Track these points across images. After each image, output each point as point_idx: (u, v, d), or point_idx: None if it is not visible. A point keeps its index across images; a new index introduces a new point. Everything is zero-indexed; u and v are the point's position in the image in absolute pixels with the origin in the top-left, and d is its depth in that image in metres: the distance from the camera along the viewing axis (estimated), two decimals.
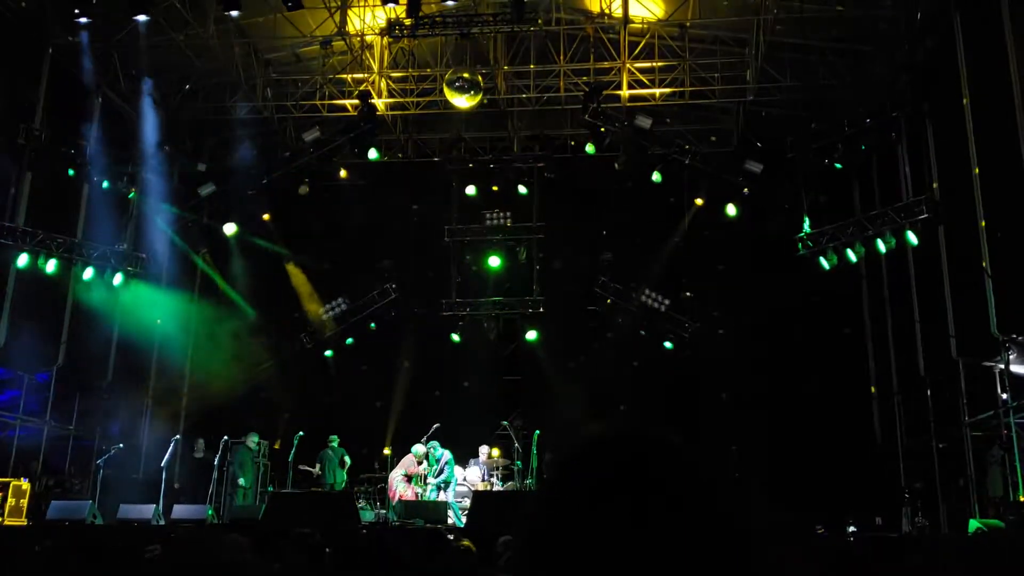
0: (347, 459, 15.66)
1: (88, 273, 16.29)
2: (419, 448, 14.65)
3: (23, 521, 13.34)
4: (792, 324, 16.26)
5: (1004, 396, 12.91)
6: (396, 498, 14.36)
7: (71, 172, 16.27)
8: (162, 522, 12.93)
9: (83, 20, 15.10)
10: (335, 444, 15.74)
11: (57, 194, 16.47)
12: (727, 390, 16.33)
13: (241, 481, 15.17)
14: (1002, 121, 12.27)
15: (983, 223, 13.15)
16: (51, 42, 16.05)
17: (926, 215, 14.80)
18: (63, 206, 16.67)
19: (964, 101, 13.64)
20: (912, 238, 15.00)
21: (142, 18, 14.99)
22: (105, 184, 16.77)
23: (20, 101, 15.82)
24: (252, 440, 15.60)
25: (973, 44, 13.70)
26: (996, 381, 13.20)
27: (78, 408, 16.70)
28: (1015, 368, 12.79)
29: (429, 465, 14.58)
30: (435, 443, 14.66)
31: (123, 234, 17.29)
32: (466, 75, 16.54)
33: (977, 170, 13.33)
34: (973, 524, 11.59)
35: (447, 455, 14.61)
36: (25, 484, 13.84)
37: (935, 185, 14.99)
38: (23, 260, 15.43)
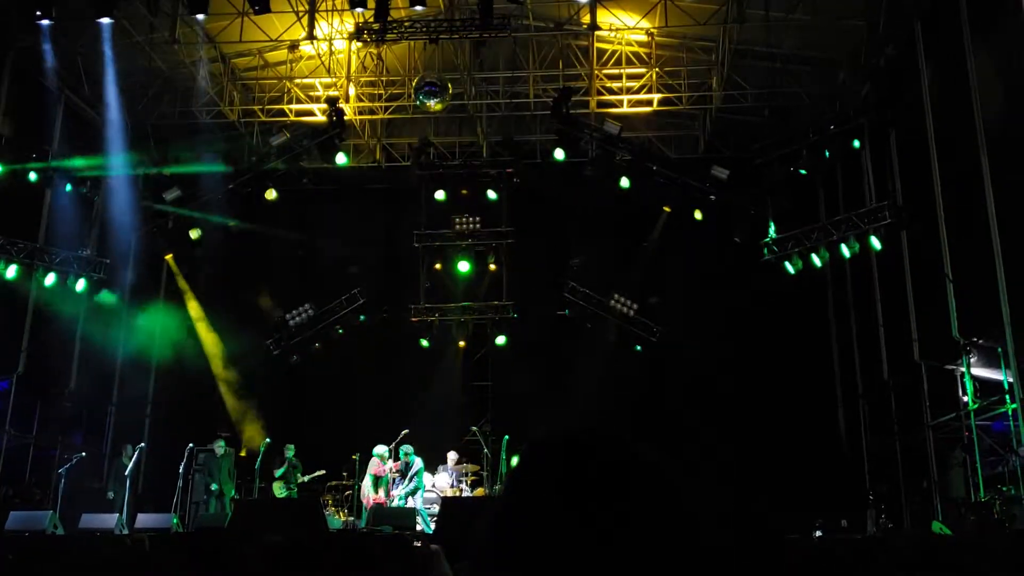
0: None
1: (50, 279, 16.01)
2: (381, 449, 14.59)
3: None
4: (758, 328, 16.37)
5: (965, 398, 13.11)
6: (370, 504, 14.29)
7: (33, 176, 15.98)
8: (125, 531, 12.71)
9: (45, 22, 14.86)
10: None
11: (19, 198, 16.18)
12: (694, 393, 16.40)
13: (213, 487, 15.00)
14: (963, 127, 12.49)
15: (944, 228, 13.38)
16: (13, 44, 15.79)
17: (889, 220, 15.00)
18: (25, 211, 16.39)
19: (925, 107, 13.88)
20: (875, 243, 15.18)
21: (105, 21, 14.81)
22: (68, 188, 16.52)
23: None
24: (218, 445, 15.40)
25: (934, 51, 13.95)
26: (957, 384, 13.41)
27: (39, 416, 16.38)
28: (976, 371, 13.00)
29: (399, 470, 14.52)
30: (410, 448, 14.60)
31: (86, 239, 17.02)
32: (435, 79, 16.51)
33: (938, 175, 13.56)
34: (936, 526, 11.75)
35: (419, 463, 14.55)
36: None
37: (898, 190, 15.22)
38: None
